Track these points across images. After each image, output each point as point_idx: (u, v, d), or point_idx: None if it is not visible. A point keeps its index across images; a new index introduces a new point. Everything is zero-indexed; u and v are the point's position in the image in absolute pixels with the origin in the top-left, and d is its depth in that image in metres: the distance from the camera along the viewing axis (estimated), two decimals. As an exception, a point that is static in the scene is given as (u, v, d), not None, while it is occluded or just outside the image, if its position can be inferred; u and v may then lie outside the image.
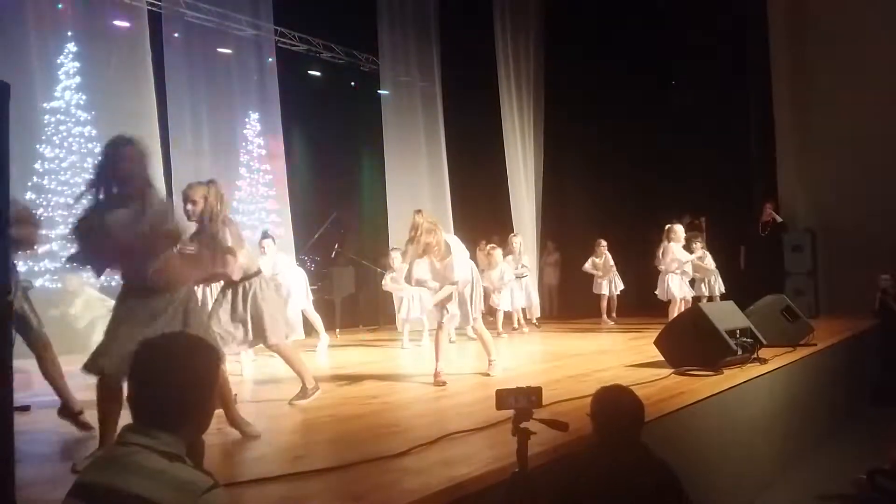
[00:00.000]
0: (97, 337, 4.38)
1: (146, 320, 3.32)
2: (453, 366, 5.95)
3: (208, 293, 6.03)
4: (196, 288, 4.89)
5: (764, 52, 11.09)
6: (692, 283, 9.37)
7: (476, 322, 5.76)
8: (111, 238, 3.22)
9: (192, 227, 4.18)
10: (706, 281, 9.70)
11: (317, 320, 7.91)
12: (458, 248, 5.60)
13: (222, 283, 4.67)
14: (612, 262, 10.57)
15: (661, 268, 8.94)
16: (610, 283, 10.58)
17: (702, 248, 9.64)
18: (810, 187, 10.87)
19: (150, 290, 3.36)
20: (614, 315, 10.61)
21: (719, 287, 9.71)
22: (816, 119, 10.87)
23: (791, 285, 10.09)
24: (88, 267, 3.48)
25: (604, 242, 10.57)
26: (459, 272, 5.50)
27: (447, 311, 5.60)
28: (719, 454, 4.67)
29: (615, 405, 2.90)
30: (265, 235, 7.49)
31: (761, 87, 11.13)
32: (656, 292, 9.12)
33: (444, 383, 5.29)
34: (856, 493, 4.99)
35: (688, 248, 9.33)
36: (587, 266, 10.65)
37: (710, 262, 9.71)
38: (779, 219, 10.59)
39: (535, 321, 10.36)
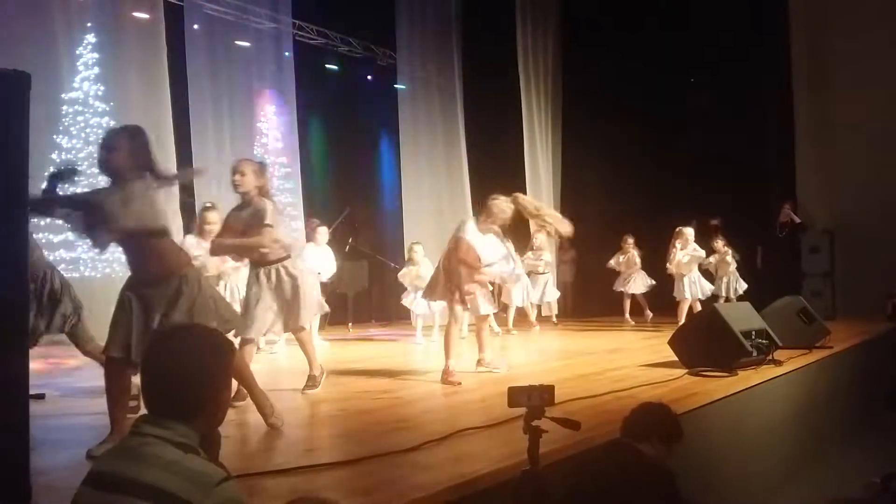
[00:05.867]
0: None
1: (149, 306, 3.37)
2: (465, 362, 5.94)
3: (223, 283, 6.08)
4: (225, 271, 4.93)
5: (784, 50, 10.98)
6: (711, 281, 9.34)
7: (489, 316, 5.78)
8: (104, 219, 3.28)
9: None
10: (725, 280, 9.60)
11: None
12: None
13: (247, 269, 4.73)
14: (637, 261, 10.33)
15: (670, 270, 8.96)
16: (632, 282, 10.32)
17: (724, 246, 9.54)
18: (829, 188, 10.75)
19: (150, 278, 3.40)
20: (650, 314, 10.39)
21: (738, 287, 9.57)
22: (836, 119, 10.75)
23: (808, 287, 10.00)
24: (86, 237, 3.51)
25: (630, 240, 10.34)
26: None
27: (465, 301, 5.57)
28: (732, 456, 4.64)
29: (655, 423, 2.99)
30: (317, 224, 7.86)
31: (781, 86, 11.02)
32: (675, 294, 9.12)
33: (458, 383, 5.17)
34: (869, 498, 4.94)
35: (711, 246, 9.33)
36: (611, 263, 10.51)
37: (731, 260, 9.60)
38: (797, 219, 10.49)
39: (554, 319, 10.29)
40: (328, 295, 9.11)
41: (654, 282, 10.21)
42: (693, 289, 8.99)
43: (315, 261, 7.58)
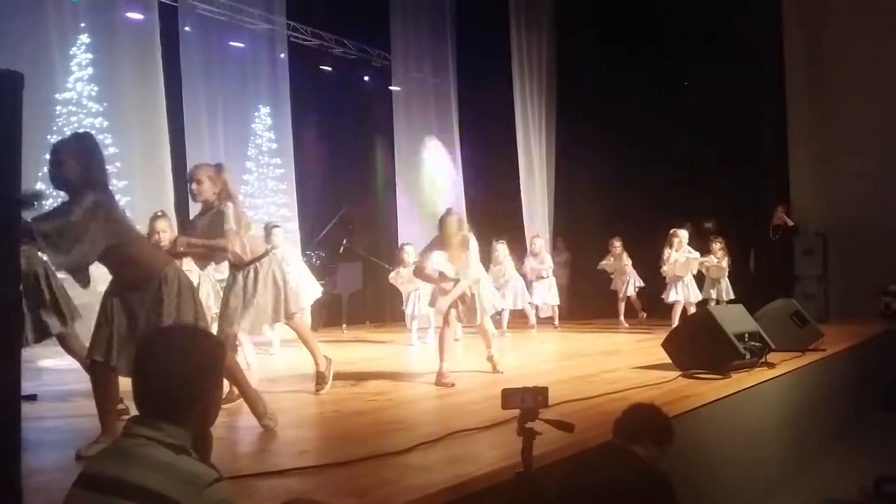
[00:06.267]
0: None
1: (132, 311, 3.36)
2: (459, 364, 5.93)
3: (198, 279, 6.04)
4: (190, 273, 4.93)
5: (778, 52, 11.02)
6: (701, 285, 9.36)
7: (485, 318, 5.76)
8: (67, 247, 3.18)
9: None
10: (717, 284, 9.63)
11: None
12: (473, 245, 5.62)
13: (225, 268, 4.70)
14: (625, 262, 10.36)
15: (664, 272, 8.98)
16: (625, 284, 10.37)
17: (720, 249, 9.58)
18: (822, 191, 10.79)
19: (131, 284, 3.38)
20: (643, 314, 10.42)
21: (728, 292, 9.62)
22: (830, 122, 10.79)
23: (801, 289, 10.02)
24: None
25: (617, 242, 10.40)
26: (475, 269, 5.51)
27: (456, 309, 5.58)
28: (725, 459, 4.64)
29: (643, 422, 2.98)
30: (272, 225, 7.54)
31: (775, 89, 11.06)
32: (662, 296, 9.14)
33: (451, 384, 5.19)
34: (863, 501, 4.95)
35: (707, 248, 9.39)
36: (602, 264, 10.50)
37: (726, 265, 9.63)
38: (790, 222, 10.52)
39: (555, 323, 10.31)
40: (322, 297, 9.13)
41: (641, 283, 10.26)
42: (685, 292, 9.02)
43: None
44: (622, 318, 10.37)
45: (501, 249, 9.13)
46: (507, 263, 9.21)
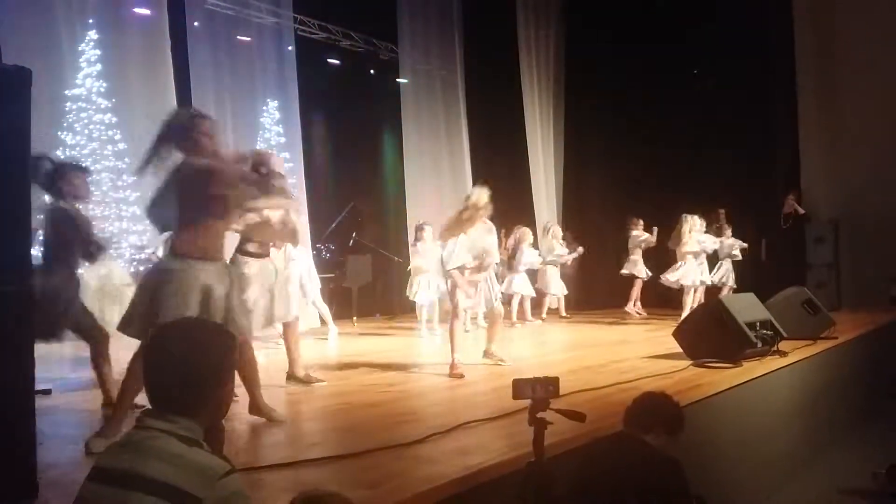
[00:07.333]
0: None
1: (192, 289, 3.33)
2: (469, 355, 5.94)
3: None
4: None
5: (788, 39, 10.93)
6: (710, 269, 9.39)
7: (496, 303, 5.77)
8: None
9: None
10: (725, 267, 9.65)
11: (325, 310, 7.94)
12: (494, 232, 5.68)
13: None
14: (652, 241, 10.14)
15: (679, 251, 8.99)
16: (639, 266, 10.21)
17: (730, 235, 9.59)
18: (834, 178, 10.71)
19: (196, 257, 3.37)
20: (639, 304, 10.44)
21: (730, 276, 9.67)
22: (841, 109, 10.70)
23: (813, 278, 9.98)
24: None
25: (640, 222, 10.25)
26: (496, 254, 5.56)
27: (470, 295, 5.58)
28: (737, 448, 4.64)
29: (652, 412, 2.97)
30: None
31: (785, 76, 10.97)
32: (667, 278, 9.07)
33: (461, 375, 5.21)
34: (875, 489, 4.94)
35: (718, 232, 9.48)
36: (642, 239, 10.09)
37: (728, 242, 9.67)
38: (801, 210, 10.46)
39: (563, 313, 10.30)
40: (332, 290, 9.15)
41: (649, 273, 10.26)
42: (692, 275, 8.98)
43: None
44: (638, 304, 10.31)
45: (527, 235, 9.23)
46: (526, 251, 9.25)
